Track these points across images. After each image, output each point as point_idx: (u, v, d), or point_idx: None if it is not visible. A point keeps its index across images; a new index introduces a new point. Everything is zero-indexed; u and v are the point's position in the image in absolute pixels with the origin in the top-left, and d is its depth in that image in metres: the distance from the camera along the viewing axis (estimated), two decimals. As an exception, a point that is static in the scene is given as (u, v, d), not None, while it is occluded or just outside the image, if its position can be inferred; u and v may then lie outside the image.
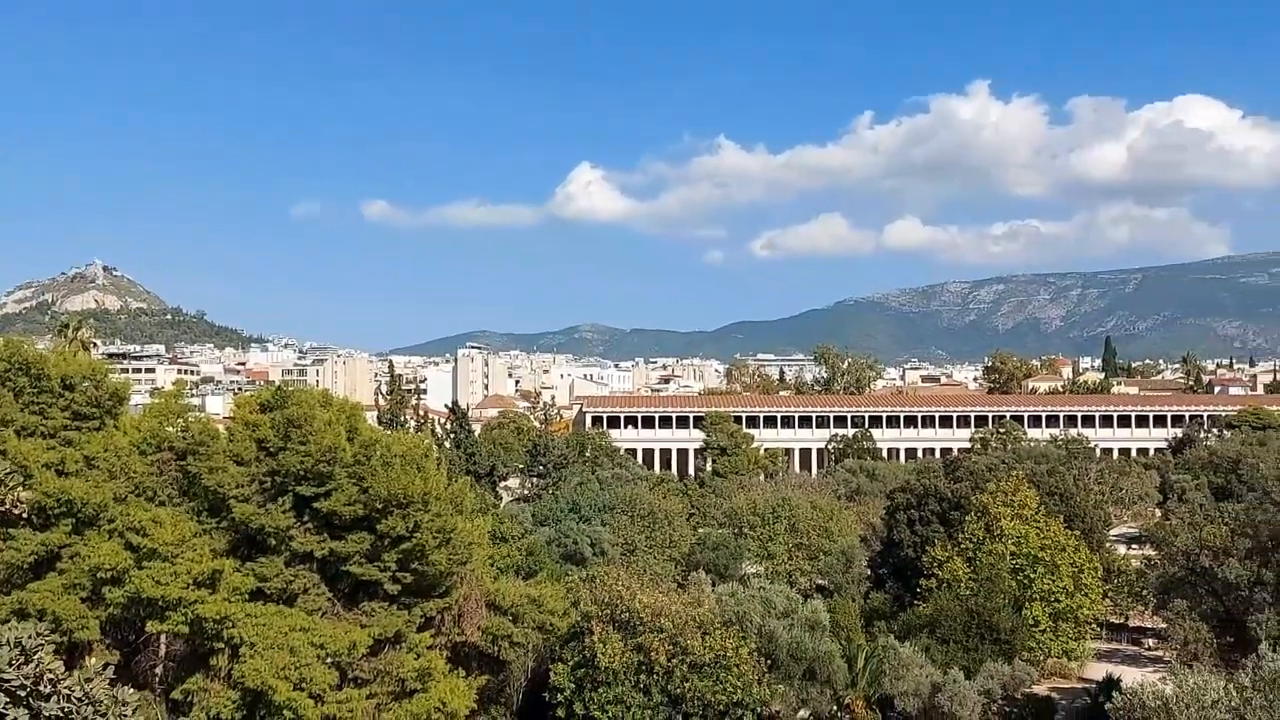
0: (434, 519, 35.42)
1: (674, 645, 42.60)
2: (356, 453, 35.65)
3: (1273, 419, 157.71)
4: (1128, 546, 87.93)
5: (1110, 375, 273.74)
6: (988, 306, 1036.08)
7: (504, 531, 52.12)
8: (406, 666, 35.37)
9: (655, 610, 43.39)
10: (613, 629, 43.25)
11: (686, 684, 42.02)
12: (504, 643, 39.75)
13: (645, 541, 70.08)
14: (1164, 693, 28.14)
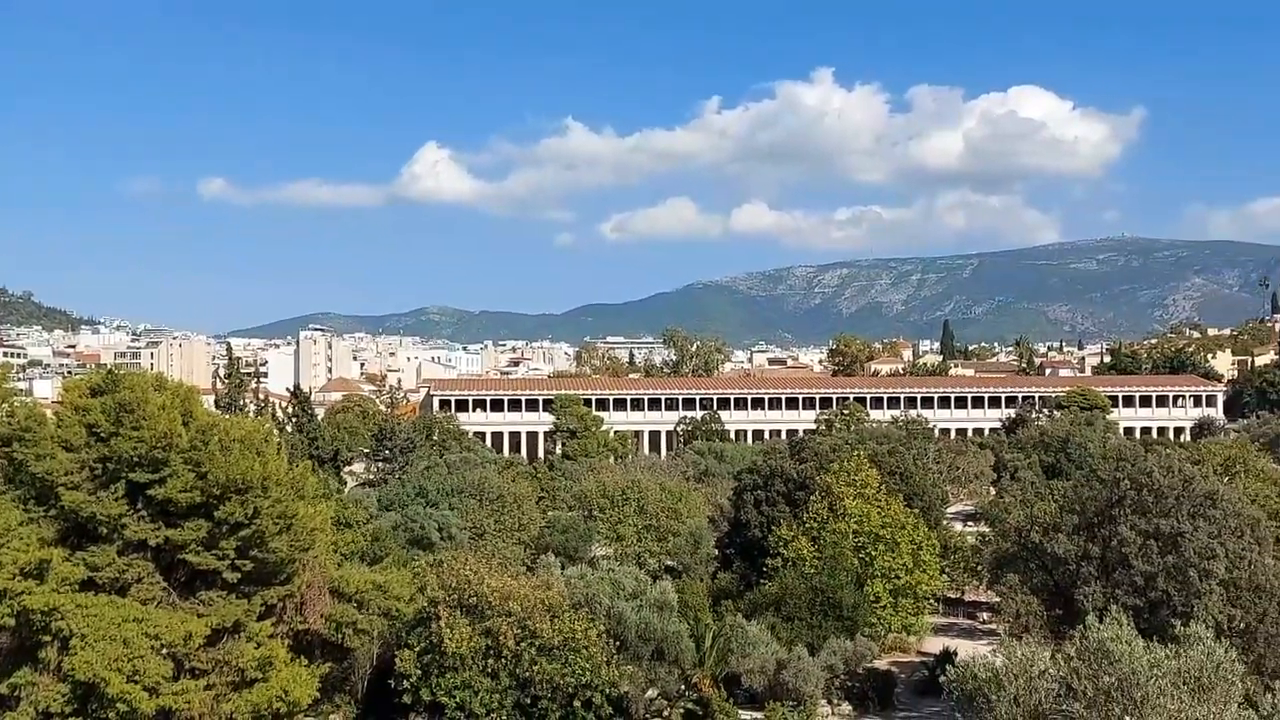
0: (274, 505, 34.56)
1: (523, 629, 42.41)
2: (193, 438, 34.52)
3: (1099, 400, 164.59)
4: (964, 524, 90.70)
5: (948, 358, 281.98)
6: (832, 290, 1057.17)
7: (348, 517, 51.09)
8: (246, 656, 34.46)
9: (504, 594, 43.12)
10: (460, 614, 42.85)
11: (535, 667, 41.91)
12: (348, 630, 39.01)
13: (494, 525, 69.57)
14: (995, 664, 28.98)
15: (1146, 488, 49.11)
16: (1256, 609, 46.12)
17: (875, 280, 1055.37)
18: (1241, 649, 43.57)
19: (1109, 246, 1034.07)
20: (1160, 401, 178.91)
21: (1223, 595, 45.87)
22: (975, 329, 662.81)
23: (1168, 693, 25.06)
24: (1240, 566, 46.95)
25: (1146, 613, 45.42)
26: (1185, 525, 47.24)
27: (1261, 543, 50.06)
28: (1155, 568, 46.69)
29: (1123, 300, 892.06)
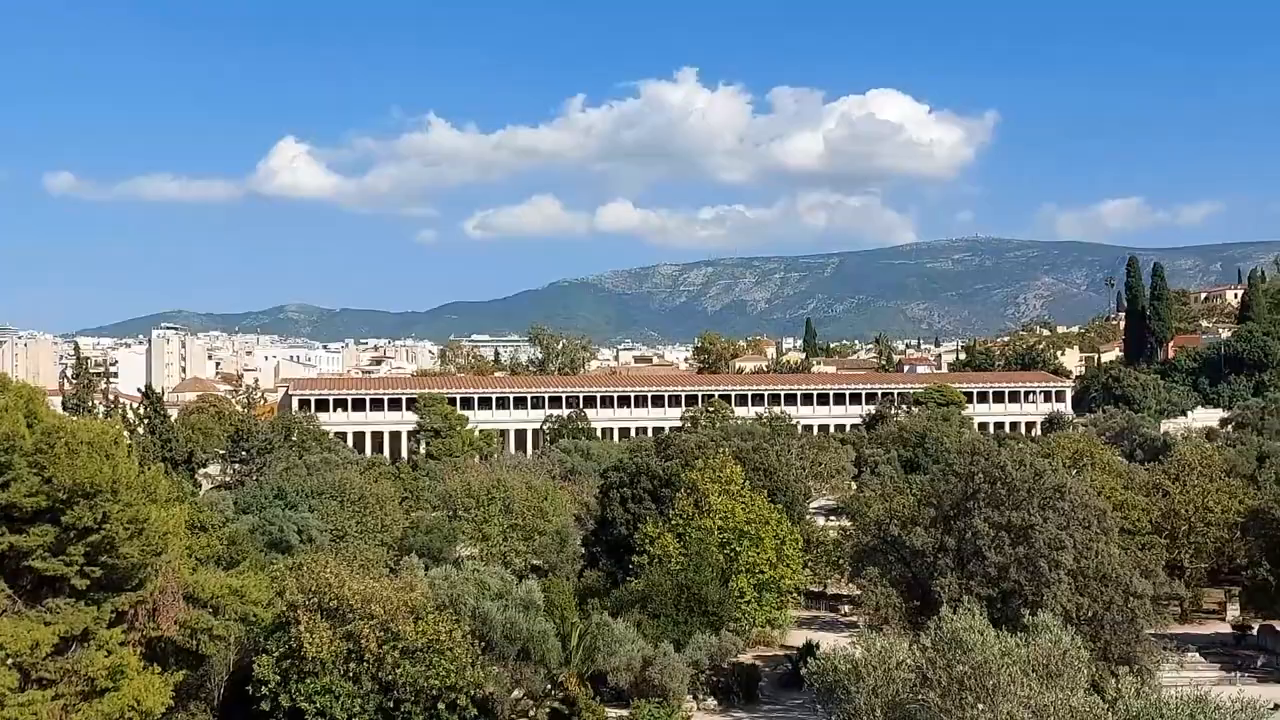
0: (125, 509, 33.46)
1: (385, 632, 41.82)
2: (38, 440, 33.24)
3: (955, 396, 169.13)
4: (826, 518, 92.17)
5: (811, 355, 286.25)
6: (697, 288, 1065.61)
7: (203, 520, 49.68)
8: (96, 665, 33.34)
9: (366, 597, 42.45)
10: (321, 618, 42.06)
11: (398, 670, 41.36)
12: (204, 636, 38.03)
13: (356, 527, 68.48)
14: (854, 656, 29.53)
15: (999, 481, 50.56)
16: (1103, 597, 47.86)
17: (739, 279, 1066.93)
18: (1089, 636, 45.17)
19: (964, 247, 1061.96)
20: (1013, 397, 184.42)
21: (1071, 584, 47.48)
22: (837, 326, 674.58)
23: (1018, 680, 25.85)
24: (1087, 556, 48.64)
25: (999, 602, 46.77)
26: (1035, 517, 48.77)
27: (1107, 533, 51.98)
28: (1007, 559, 48.11)
29: (977, 299, 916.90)
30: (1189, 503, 73.95)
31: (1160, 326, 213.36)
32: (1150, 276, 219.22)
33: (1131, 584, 48.61)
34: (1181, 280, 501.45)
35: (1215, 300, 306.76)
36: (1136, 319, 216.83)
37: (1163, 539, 71.29)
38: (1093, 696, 26.78)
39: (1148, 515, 73.00)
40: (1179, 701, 25.70)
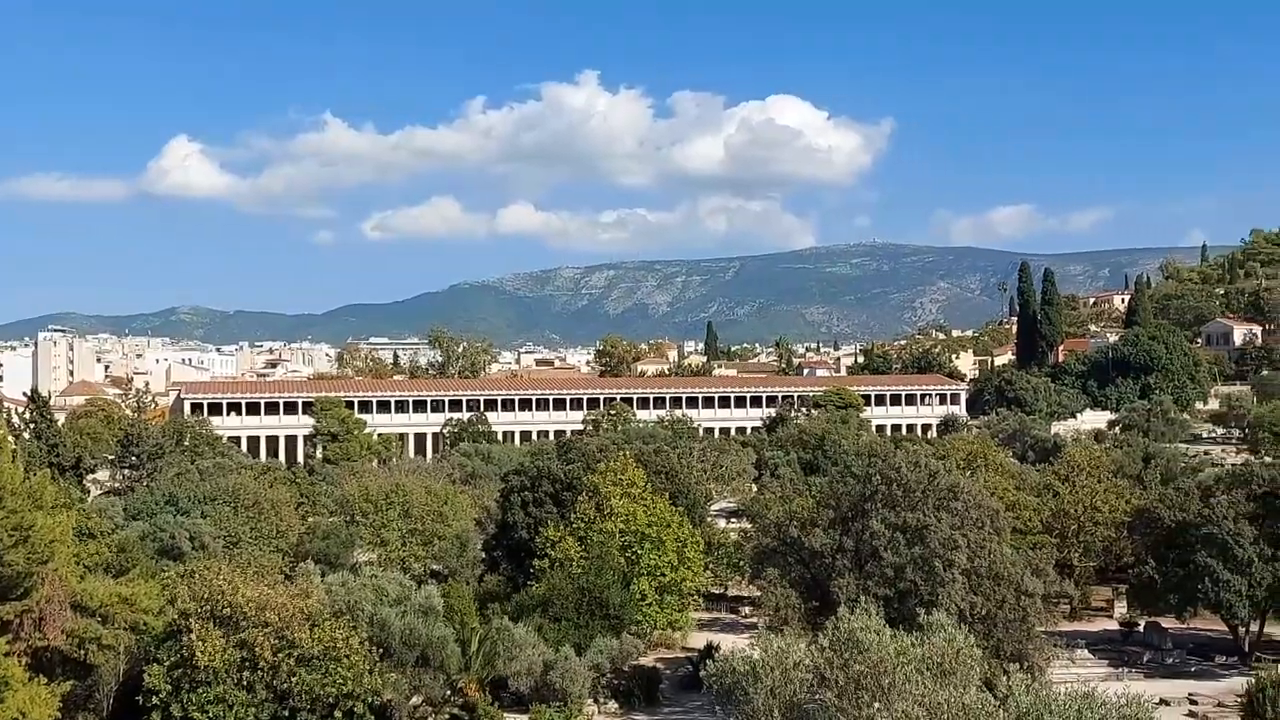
0: (9, 516, 32.50)
1: (280, 639, 41.08)
2: (-86, 446, 32.09)
3: (853, 399, 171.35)
4: (727, 520, 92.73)
5: (712, 358, 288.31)
6: (599, 292, 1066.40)
7: (91, 527, 48.44)
8: (-23, 679, 32.28)
9: (260, 604, 41.67)
10: (214, 625, 41.22)
11: (294, 678, 40.67)
12: (92, 646, 37.07)
13: (250, 533, 67.18)
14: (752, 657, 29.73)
15: (896, 483, 51.31)
16: (995, 596, 48.80)
17: (641, 282, 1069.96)
18: (982, 634, 46.02)
19: (862, 251, 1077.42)
20: (909, 400, 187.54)
21: (965, 584, 48.32)
22: (738, 330, 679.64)
23: (913, 679, 26.26)
24: (981, 556, 49.55)
25: (896, 602, 47.44)
26: (930, 518, 49.56)
27: (1000, 533, 53.03)
28: (903, 559, 48.81)
29: (875, 302, 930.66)
30: (1078, 503, 75.81)
31: (1051, 330, 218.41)
32: (1041, 282, 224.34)
33: (1023, 583, 49.60)
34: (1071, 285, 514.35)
35: (1103, 305, 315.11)
36: (1028, 323, 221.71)
37: (1053, 538, 72.97)
38: (985, 694, 27.30)
39: (1039, 515, 74.72)
40: (1067, 698, 26.29)
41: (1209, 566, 59.67)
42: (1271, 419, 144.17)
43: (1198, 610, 63.63)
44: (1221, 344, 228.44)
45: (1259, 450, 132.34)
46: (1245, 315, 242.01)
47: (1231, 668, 60.09)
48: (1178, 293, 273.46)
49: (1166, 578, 63.05)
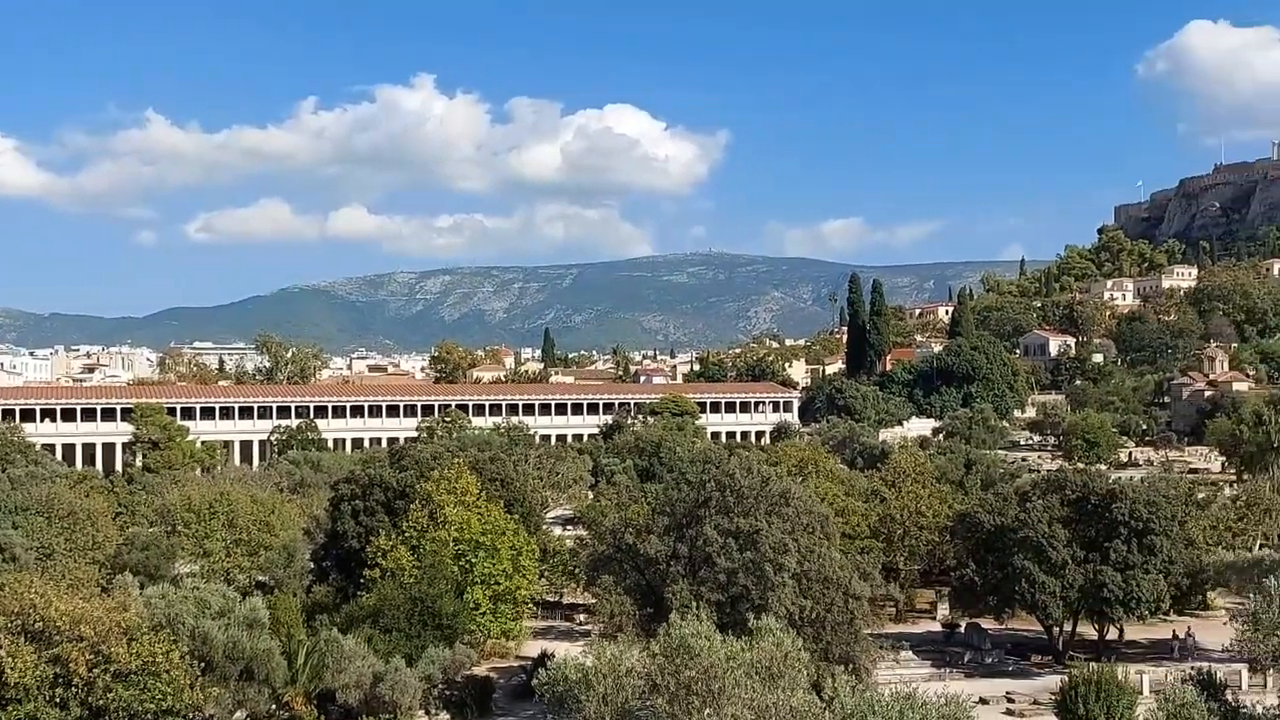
0: None
1: (96, 654, 39.36)
2: None
3: (689, 406, 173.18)
4: (563, 527, 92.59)
5: (549, 365, 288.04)
6: (435, 297, 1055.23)
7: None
8: None
9: (74, 618, 39.85)
10: (25, 641, 39.27)
11: (110, 694, 39.02)
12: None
13: (65, 544, 64.34)
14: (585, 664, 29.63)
15: (729, 489, 51.82)
16: (825, 599, 49.68)
17: (478, 288, 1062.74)
18: (811, 637, 46.82)
19: (698, 261, 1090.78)
20: (744, 407, 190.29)
21: (795, 588, 49.05)
22: (575, 337, 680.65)
23: (742, 683, 26.53)
24: (811, 560, 50.38)
25: (728, 607, 47.88)
26: (762, 523, 50.19)
27: (829, 537, 54.06)
28: (736, 564, 49.31)
29: (711, 311, 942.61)
30: (903, 508, 77.95)
31: (879, 340, 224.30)
32: (870, 293, 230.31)
33: (851, 586, 50.61)
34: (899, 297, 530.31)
35: (929, 316, 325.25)
36: (858, 333, 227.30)
37: (880, 542, 74.88)
38: (812, 696, 27.74)
39: (866, 520, 76.59)
40: (891, 698, 26.87)
41: (1026, 569, 61.89)
42: (1084, 427, 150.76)
43: (1015, 611, 65.99)
44: (1038, 354, 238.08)
45: (1072, 457, 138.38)
46: (1060, 327, 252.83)
47: (1046, 666, 62.47)
48: (998, 305, 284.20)
49: (986, 580, 65.24)
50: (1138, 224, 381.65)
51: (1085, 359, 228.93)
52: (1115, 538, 62.48)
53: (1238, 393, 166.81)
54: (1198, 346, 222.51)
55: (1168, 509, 64.76)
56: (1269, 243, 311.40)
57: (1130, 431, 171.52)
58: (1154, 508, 63.36)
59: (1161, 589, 62.71)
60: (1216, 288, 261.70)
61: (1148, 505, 63.27)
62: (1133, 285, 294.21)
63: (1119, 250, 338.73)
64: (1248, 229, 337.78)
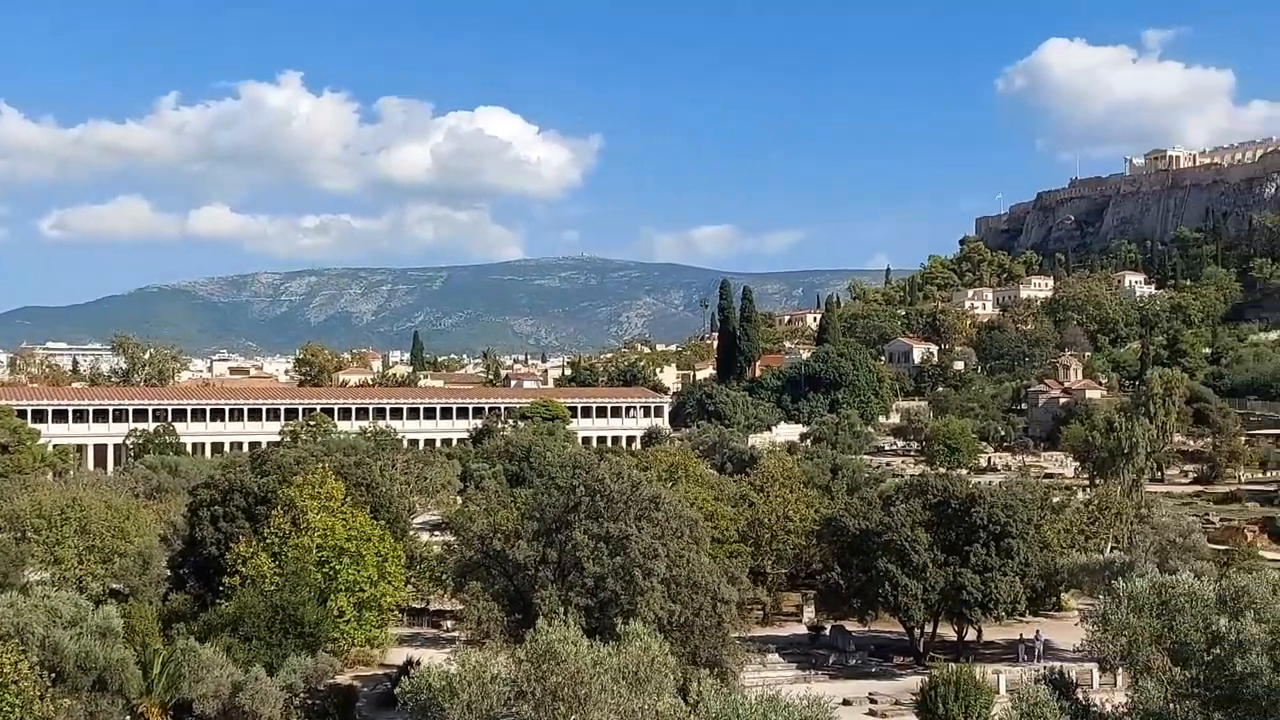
0: None
1: (-67, 668, 37.66)
2: None
3: (560, 411, 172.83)
4: (431, 533, 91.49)
5: (418, 369, 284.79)
6: (300, 298, 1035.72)
7: None
8: None
9: (-88, 630, 38.09)
10: None
11: (-49, 710, 37.35)
12: None
13: (-97, 552, 61.36)
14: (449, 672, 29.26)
15: (599, 494, 51.74)
16: (693, 604, 49.91)
17: (345, 289, 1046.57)
18: (679, 641, 47.01)
19: (570, 265, 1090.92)
20: (615, 412, 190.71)
21: (664, 592, 49.19)
22: (445, 340, 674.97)
23: (609, 688, 26.44)
24: (680, 565, 50.58)
25: (597, 612, 47.82)
26: (632, 528, 50.23)
27: (699, 542, 54.35)
28: (605, 569, 49.27)
29: (583, 316, 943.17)
30: (771, 512, 78.82)
31: (749, 346, 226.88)
32: (740, 300, 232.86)
33: (720, 590, 50.92)
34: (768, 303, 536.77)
35: (797, 323, 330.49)
36: (728, 339, 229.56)
37: (748, 546, 75.55)
38: (678, 700, 27.79)
39: (735, 524, 77.23)
40: (755, 701, 27.04)
41: (889, 572, 63.07)
42: (945, 433, 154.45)
43: (879, 613, 67.26)
44: (902, 361, 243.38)
45: (934, 462, 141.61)
46: (924, 335, 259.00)
47: (908, 667, 63.71)
48: (864, 313, 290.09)
49: (851, 583, 66.34)
50: (998, 235, 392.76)
51: (947, 366, 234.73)
52: (974, 541, 64.05)
53: (1091, 400, 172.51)
54: (1053, 355, 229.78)
55: (1024, 513, 66.62)
56: (1121, 255, 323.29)
57: (989, 437, 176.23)
58: (1011, 511, 65.12)
59: (1018, 590, 64.46)
60: (1071, 298, 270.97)
61: (1005, 509, 64.99)
62: (992, 295, 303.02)
63: (980, 261, 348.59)
64: (1101, 242, 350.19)
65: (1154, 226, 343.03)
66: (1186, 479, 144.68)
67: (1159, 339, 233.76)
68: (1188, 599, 32.92)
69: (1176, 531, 72.47)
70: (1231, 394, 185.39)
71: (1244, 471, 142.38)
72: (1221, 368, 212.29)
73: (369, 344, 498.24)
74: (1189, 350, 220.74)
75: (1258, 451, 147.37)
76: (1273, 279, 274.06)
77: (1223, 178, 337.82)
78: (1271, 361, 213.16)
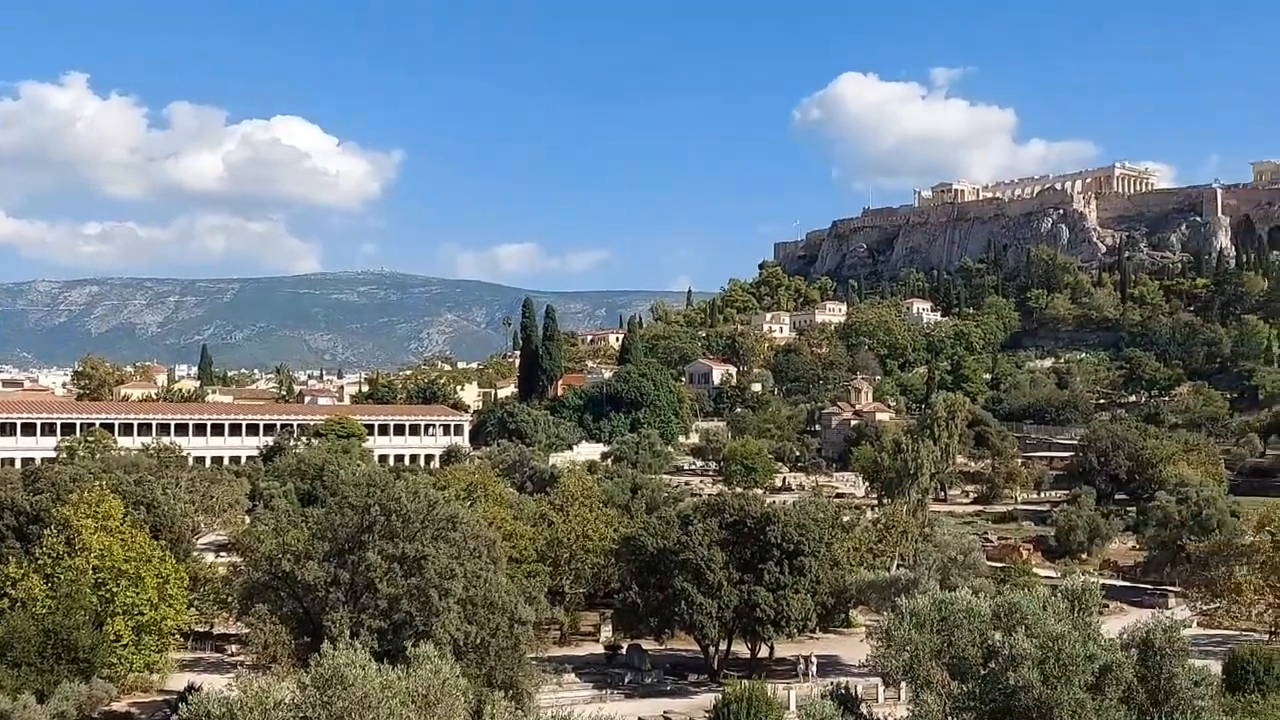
0: None
1: None
2: None
3: (356, 428, 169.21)
4: (216, 554, 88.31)
5: (207, 384, 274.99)
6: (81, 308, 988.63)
7: None
8: None
9: None
10: None
11: None
12: None
13: None
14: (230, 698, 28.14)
15: (395, 513, 50.79)
16: (490, 624, 49.41)
17: (129, 300, 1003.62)
18: (475, 663, 46.45)
19: (369, 279, 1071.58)
20: (414, 430, 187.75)
21: (460, 613, 48.55)
22: (237, 354, 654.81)
23: (397, 712, 25.82)
24: (476, 585, 50.03)
25: (391, 635, 46.88)
26: (429, 548, 49.46)
27: (496, 562, 53.87)
28: (400, 590, 48.35)
29: (382, 332, 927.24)
30: (571, 531, 78.80)
31: (551, 365, 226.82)
32: (544, 318, 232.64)
33: (517, 611, 50.59)
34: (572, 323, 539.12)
35: (600, 342, 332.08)
36: (530, 358, 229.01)
37: (547, 566, 75.33)
38: (473, 723, 27.37)
39: (534, 544, 76.91)
40: (550, 722, 26.82)
41: (685, 590, 63.72)
42: (743, 453, 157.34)
43: (675, 632, 67.85)
44: (702, 383, 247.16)
45: (731, 481, 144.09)
46: (723, 357, 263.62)
47: (703, 685, 64.43)
48: (666, 334, 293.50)
49: (648, 602, 66.75)
50: (795, 261, 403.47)
51: (745, 388, 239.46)
52: (768, 559, 65.33)
53: (880, 422, 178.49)
54: (846, 378, 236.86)
55: (816, 531, 68.30)
56: (910, 283, 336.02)
57: (785, 457, 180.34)
58: (804, 530, 66.68)
59: (809, 607, 65.99)
60: (863, 323, 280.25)
61: (798, 528, 66.50)
62: (789, 319, 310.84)
63: (778, 285, 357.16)
64: (892, 270, 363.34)
65: (941, 256, 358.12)
66: (968, 499, 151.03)
67: (944, 364, 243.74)
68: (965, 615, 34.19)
69: (958, 549, 75.38)
70: (1010, 418, 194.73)
71: (1020, 492, 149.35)
72: (1001, 393, 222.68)
73: (154, 357, 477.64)
74: (971, 375, 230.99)
75: (1033, 473, 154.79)
76: (1048, 309, 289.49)
77: (1004, 212, 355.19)
78: (1046, 387, 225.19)
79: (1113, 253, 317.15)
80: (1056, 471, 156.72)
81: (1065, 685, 30.47)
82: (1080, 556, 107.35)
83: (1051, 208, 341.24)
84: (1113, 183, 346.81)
